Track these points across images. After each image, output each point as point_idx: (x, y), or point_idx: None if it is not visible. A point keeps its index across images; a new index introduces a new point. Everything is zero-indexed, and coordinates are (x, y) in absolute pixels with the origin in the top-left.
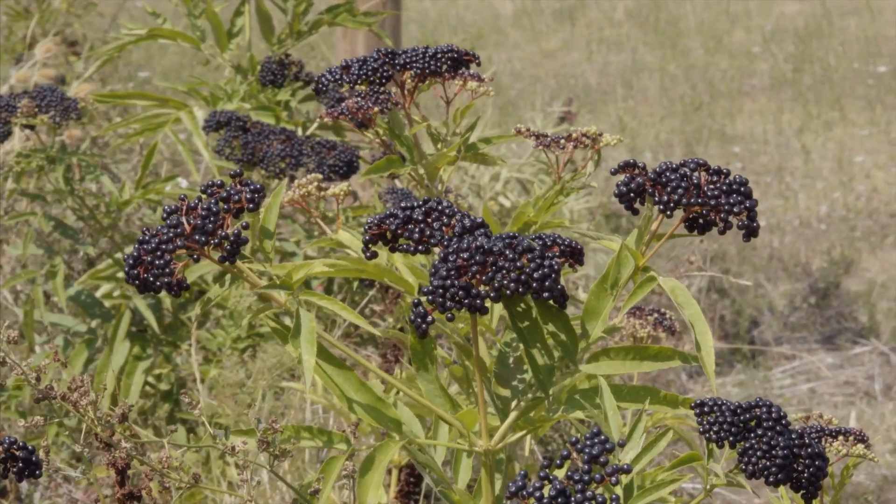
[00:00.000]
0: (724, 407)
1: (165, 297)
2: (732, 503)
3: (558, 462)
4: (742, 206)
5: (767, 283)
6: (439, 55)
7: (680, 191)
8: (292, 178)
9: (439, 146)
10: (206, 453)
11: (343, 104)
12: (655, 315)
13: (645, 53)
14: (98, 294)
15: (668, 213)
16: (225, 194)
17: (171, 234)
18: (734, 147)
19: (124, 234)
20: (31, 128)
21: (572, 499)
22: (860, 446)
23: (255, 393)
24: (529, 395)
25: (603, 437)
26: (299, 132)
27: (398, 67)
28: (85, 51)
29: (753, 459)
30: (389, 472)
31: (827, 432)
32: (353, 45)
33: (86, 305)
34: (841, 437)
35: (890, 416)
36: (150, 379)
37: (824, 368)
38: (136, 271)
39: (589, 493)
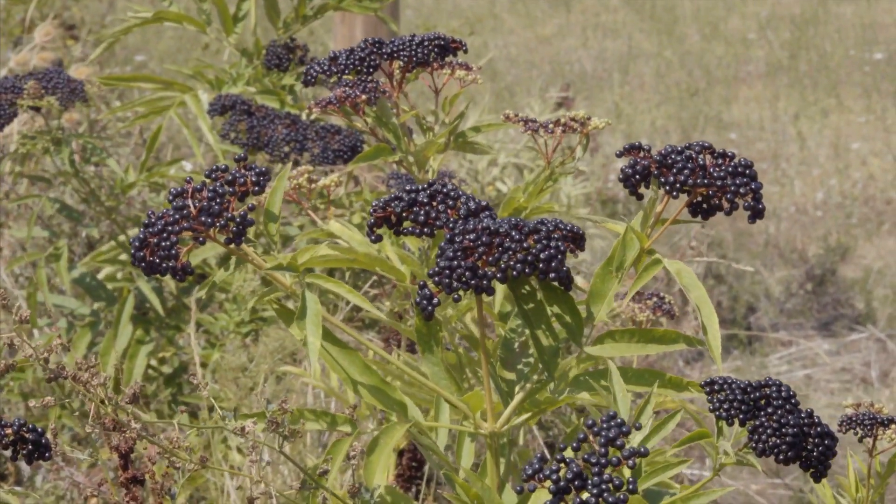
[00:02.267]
0: (734, 385)
1: (169, 281)
2: (713, 481)
3: (575, 445)
4: (748, 188)
5: (764, 269)
6: (426, 43)
7: (686, 172)
8: (297, 163)
9: (428, 135)
10: (207, 437)
11: (331, 94)
12: (654, 299)
13: (641, 40)
14: (101, 276)
15: (675, 194)
16: (230, 177)
17: (177, 217)
18: (730, 133)
19: (127, 217)
20: (37, 109)
21: (589, 481)
22: None
23: (256, 377)
24: (535, 378)
25: (619, 420)
26: (303, 116)
27: (386, 57)
28: (83, 34)
29: (763, 437)
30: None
31: (878, 420)
32: (351, 29)
33: (90, 288)
34: (893, 426)
35: (886, 402)
36: (153, 362)
37: (822, 354)
38: (142, 253)
39: (606, 476)
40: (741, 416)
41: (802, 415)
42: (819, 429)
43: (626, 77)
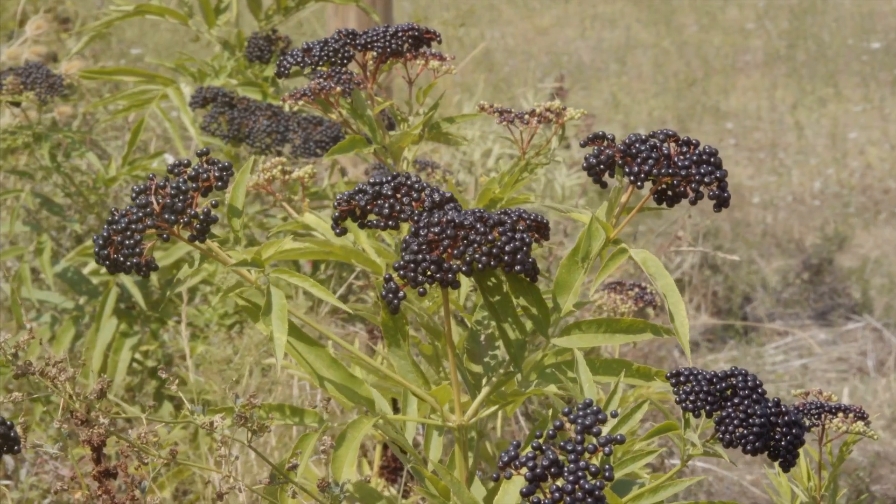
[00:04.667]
0: (699, 376)
1: (152, 275)
2: (708, 472)
3: (550, 433)
4: (712, 177)
5: (760, 259)
6: (400, 34)
7: (650, 161)
8: (279, 154)
9: (403, 126)
10: (194, 429)
11: (305, 86)
12: (637, 290)
13: (639, 30)
14: (85, 271)
15: (639, 184)
16: (193, 173)
17: (140, 214)
18: (728, 123)
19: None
20: (17, 105)
21: (565, 469)
22: (860, 423)
23: (241, 369)
24: (501, 371)
25: (595, 408)
26: (286, 108)
27: (359, 48)
28: (76, 27)
29: (730, 428)
30: (373, 447)
31: (826, 409)
32: (344, 21)
33: (73, 282)
34: (840, 414)
35: (882, 391)
36: (138, 355)
37: (816, 345)
38: (106, 251)
39: (582, 463)
40: (707, 408)
41: (769, 404)
42: (786, 418)
43: (623, 67)
